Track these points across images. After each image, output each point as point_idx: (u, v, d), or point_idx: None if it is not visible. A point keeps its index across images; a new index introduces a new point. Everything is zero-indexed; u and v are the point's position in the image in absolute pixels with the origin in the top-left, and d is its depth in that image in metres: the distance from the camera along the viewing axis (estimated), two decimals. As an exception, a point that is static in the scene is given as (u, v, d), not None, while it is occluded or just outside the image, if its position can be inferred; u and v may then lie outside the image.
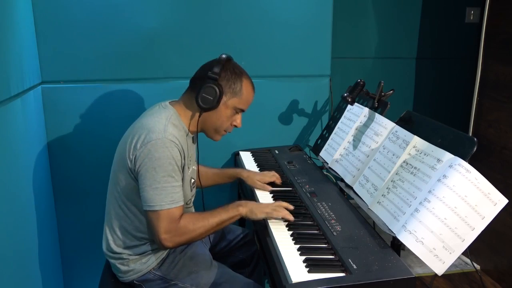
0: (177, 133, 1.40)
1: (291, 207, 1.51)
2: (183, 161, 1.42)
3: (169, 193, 1.34)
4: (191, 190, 1.59)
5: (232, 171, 1.87)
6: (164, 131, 1.36)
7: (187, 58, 1.85)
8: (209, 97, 1.42)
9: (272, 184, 1.80)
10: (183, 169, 1.45)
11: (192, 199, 1.62)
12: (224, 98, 1.46)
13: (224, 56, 1.48)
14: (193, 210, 1.66)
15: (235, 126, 1.56)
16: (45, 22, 1.90)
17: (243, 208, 1.46)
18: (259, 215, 1.46)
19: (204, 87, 1.42)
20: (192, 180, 1.59)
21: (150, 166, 1.34)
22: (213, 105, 1.44)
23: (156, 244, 1.44)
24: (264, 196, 1.71)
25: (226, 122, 1.52)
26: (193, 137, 1.58)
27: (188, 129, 1.51)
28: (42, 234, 1.79)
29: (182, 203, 1.39)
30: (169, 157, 1.35)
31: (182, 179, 1.44)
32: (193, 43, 2.08)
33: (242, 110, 1.54)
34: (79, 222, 2.11)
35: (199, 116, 1.47)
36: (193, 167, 1.60)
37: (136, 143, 1.37)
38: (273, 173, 1.82)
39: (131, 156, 1.37)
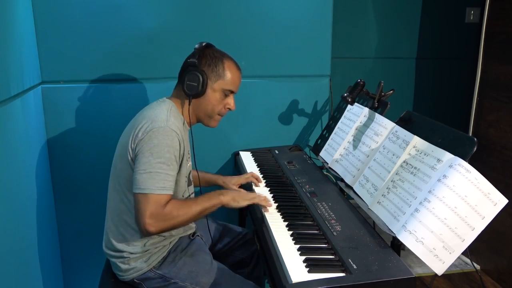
0: (178, 125, 1.44)
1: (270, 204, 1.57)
2: (182, 152, 1.45)
3: (161, 179, 1.36)
4: (188, 185, 1.59)
5: (209, 177, 1.87)
6: (166, 120, 1.40)
7: (187, 58, 1.86)
8: (194, 83, 1.48)
9: (268, 181, 1.82)
10: (182, 161, 1.47)
11: (190, 196, 1.62)
12: (209, 83, 1.51)
13: (203, 43, 1.55)
14: None
15: (229, 109, 1.58)
16: (45, 22, 1.90)
17: (224, 197, 1.49)
18: (242, 202, 1.51)
19: (188, 75, 1.47)
20: (191, 176, 1.60)
21: (147, 150, 1.36)
22: (199, 90, 1.48)
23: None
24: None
25: (217, 106, 1.55)
26: (189, 130, 1.59)
27: (185, 121, 1.55)
28: (42, 234, 1.79)
29: (171, 192, 1.40)
30: (168, 144, 1.37)
31: (179, 172, 1.46)
32: (193, 43, 2.05)
33: (232, 92, 1.57)
34: (79, 222, 2.11)
35: (189, 104, 1.51)
36: (189, 163, 1.61)
37: (138, 133, 1.40)
38: (250, 174, 1.84)
39: (133, 145, 1.40)
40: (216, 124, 1.60)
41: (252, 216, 1.68)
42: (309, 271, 1.19)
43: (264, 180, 1.84)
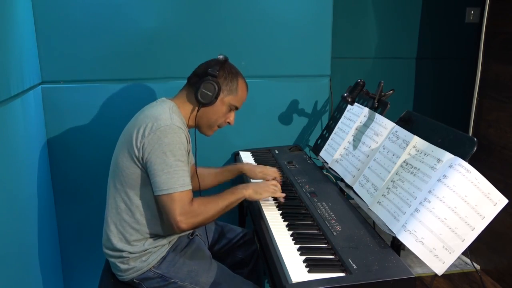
0: (181, 123, 1.46)
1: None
2: (189, 146, 1.49)
3: (180, 177, 1.39)
4: None
5: (232, 167, 1.89)
6: (170, 118, 1.42)
7: (187, 58, 1.86)
8: (209, 93, 1.51)
9: None
10: (189, 156, 1.50)
11: None
12: (221, 95, 1.54)
13: (222, 56, 1.58)
14: None
15: (229, 123, 1.63)
16: (45, 22, 1.90)
17: (246, 191, 1.54)
18: (264, 194, 1.57)
19: (204, 84, 1.50)
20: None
21: (161, 151, 1.38)
22: (211, 100, 1.52)
23: (169, 231, 1.49)
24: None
25: (221, 118, 1.59)
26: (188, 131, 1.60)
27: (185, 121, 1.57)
28: (42, 234, 1.79)
29: (191, 187, 1.43)
30: (178, 142, 1.40)
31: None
32: (193, 43, 2.08)
33: (236, 108, 1.62)
34: (79, 222, 2.11)
35: (197, 111, 1.54)
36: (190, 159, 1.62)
37: (144, 132, 1.41)
38: (274, 169, 1.83)
39: (138, 145, 1.41)
40: (211, 134, 1.64)
41: (252, 216, 1.68)
42: (309, 271, 1.19)
43: (264, 180, 1.83)
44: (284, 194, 1.62)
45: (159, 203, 1.43)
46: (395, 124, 1.59)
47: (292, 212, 1.55)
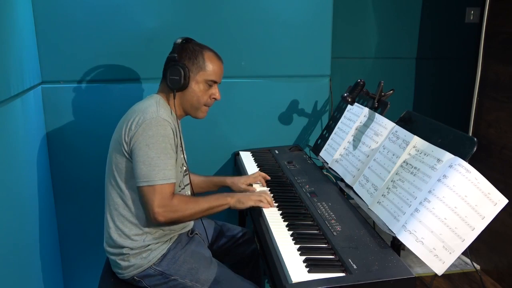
0: (168, 115, 1.48)
1: (273, 204, 1.60)
2: (176, 139, 1.48)
3: (161, 169, 1.40)
4: (183, 176, 1.61)
5: (216, 179, 1.88)
6: (157, 111, 1.44)
7: (187, 58, 1.87)
8: (176, 77, 1.50)
9: (268, 181, 1.83)
10: (176, 151, 1.50)
11: (185, 187, 1.63)
12: (191, 75, 1.53)
13: (182, 38, 1.57)
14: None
15: (215, 99, 1.60)
16: (45, 22, 1.90)
17: (231, 199, 1.54)
18: (247, 203, 1.55)
19: (170, 70, 1.50)
20: (184, 168, 1.61)
21: (143, 143, 1.40)
22: (182, 83, 1.51)
23: (152, 224, 1.48)
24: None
25: (202, 97, 1.57)
26: (179, 122, 1.61)
27: (173, 112, 1.57)
28: (42, 234, 1.79)
29: (174, 181, 1.44)
30: (162, 134, 1.41)
31: (176, 159, 1.49)
32: (193, 43, 2.07)
33: (215, 82, 1.58)
34: (79, 222, 2.11)
35: (174, 98, 1.53)
36: (181, 155, 1.61)
37: (131, 126, 1.43)
38: (257, 173, 1.84)
39: (126, 139, 1.43)
40: (203, 115, 1.61)
41: (252, 216, 1.68)
42: (309, 271, 1.19)
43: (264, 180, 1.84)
44: (269, 206, 1.58)
45: (140, 194, 1.44)
46: (395, 124, 1.59)
47: (292, 212, 1.55)
